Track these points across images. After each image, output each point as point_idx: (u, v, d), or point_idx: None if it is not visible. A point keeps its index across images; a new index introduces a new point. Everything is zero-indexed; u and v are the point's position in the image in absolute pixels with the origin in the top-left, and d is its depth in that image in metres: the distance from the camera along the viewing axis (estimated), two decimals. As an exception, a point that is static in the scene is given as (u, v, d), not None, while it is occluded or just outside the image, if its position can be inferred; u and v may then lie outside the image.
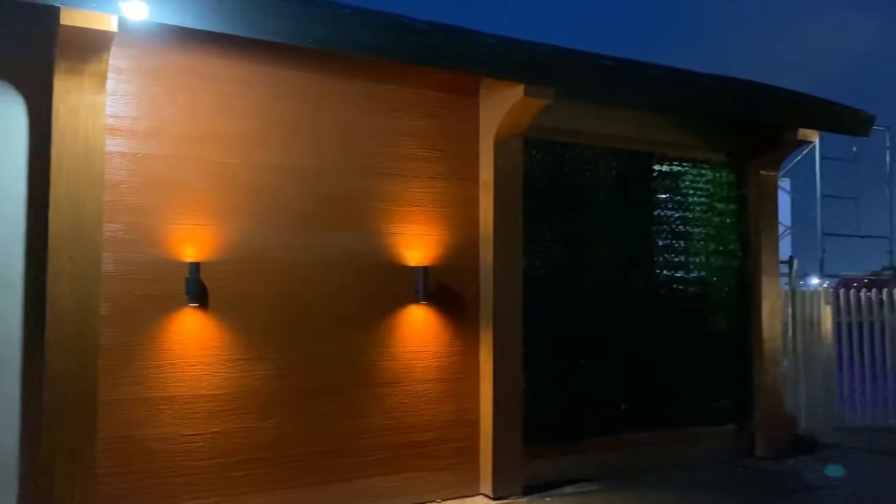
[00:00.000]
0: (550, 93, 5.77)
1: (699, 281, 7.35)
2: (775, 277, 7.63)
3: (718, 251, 7.46)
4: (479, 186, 6.15)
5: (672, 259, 7.21)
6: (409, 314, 5.80)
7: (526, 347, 6.24)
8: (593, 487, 6.28)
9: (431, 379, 5.87)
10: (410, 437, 5.76)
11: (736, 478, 6.80)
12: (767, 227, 7.58)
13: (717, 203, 7.48)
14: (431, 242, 5.92)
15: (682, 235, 7.26)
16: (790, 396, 8.11)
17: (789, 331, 8.07)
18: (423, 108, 5.95)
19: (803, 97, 7.37)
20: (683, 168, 7.31)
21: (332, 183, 5.58)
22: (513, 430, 5.98)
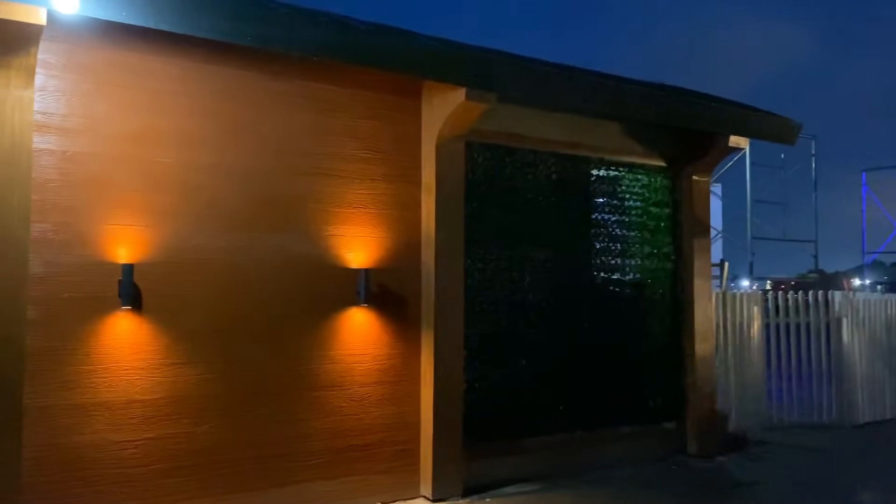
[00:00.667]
0: (492, 97, 5.82)
1: (635, 283, 7.51)
2: (707, 280, 7.86)
3: (653, 254, 7.64)
4: (421, 189, 6.15)
5: (609, 261, 7.35)
6: (350, 317, 5.76)
7: (467, 349, 6.28)
8: (532, 487, 6.35)
9: (372, 382, 5.84)
10: (350, 441, 5.72)
11: (669, 476, 6.97)
12: (700, 231, 7.80)
13: (653, 207, 7.66)
14: (373, 244, 5.89)
15: (618, 238, 7.41)
16: (721, 396, 8.35)
17: (721, 332, 8.31)
18: (365, 109, 5.92)
19: (735, 106, 7.61)
20: (620, 173, 7.46)
21: (271, 183, 5.50)
22: (453, 431, 6.00)
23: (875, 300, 10.11)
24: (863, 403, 9.69)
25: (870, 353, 9.88)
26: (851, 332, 9.66)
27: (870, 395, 9.79)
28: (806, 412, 9.48)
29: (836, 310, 9.61)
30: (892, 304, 10.41)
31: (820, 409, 9.51)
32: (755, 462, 7.59)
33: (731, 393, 8.45)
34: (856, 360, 9.66)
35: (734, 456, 7.76)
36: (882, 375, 10.01)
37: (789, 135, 7.83)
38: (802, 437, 8.81)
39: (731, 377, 8.42)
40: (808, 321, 9.55)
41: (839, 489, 6.62)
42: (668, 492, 6.45)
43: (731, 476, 7.05)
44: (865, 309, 9.93)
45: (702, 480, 6.88)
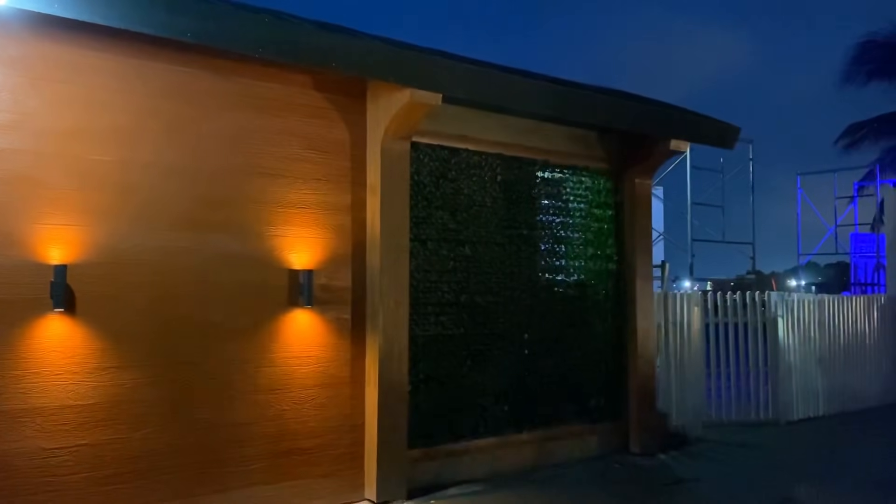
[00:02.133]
0: (437, 97, 5.82)
1: (578, 284, 7.60)
2: (649, 281, 8.00)
3: (596, 255, 7.75)
4: (366, 189, 6.10)
5: (553, 263, 7.42)
6: (293, 318, 5.69)
7: (412, 350, 6.26)
8: (476, 489, 6.36)
9: (315, 385, 5.77)
10: (293, 445, 5.65)
11: (611, 474, 7.07)
12: (642, 233, 7.94)
13: (596, 209, 7.77)
14: (317, 245, 5.83)
15: (562, 240, 7.49)
16: (663, 394, 8.51)
17: (662, 332, 8.47)
18: (310, 108, 5.86)
19: (676, 110, 7.77)
20: (564, 175, 7.54)
21: (212, 183, 5.39)
22: (398, 434, 5.97)
23: (809, 300, 10.44)
24: (797, 401, 10.00)
25: (804, 352, 10.20)
26: (787, 331, 9.96)
27: (804, 392, 10.11)
28: (744, 410, 9.73)
29: (772, 310, 9.89)
30: (825, 304, 10.77)
31: (757, 407, 9.77)
32: (695, 459, 7.75)
33: (673, 392, 8.61)
34: (791, 359, 9.97)
35: (675, 453, 7.91)
36: (815, 374, 10.34)
37: (728, 139, 8.03)
38: (740, 434, 9.04)
39: (673, 376, 8.59)
40: (746, 321, 9.82)
41: (773, 484, 6.81)
42: (610, 490, 6.54)
43: (671, 473, 7.19)
44: (800, 309, 10.24)
45: (643, 478, 7.00)
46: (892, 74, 24.16)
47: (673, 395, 8.58)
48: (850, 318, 11.05)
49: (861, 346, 11.19)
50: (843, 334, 10.92)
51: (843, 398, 10.72)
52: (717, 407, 9.63)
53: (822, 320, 10.64)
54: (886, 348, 11.66)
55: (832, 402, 10.52)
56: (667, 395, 8.54)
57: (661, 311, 8.49)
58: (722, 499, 6.42)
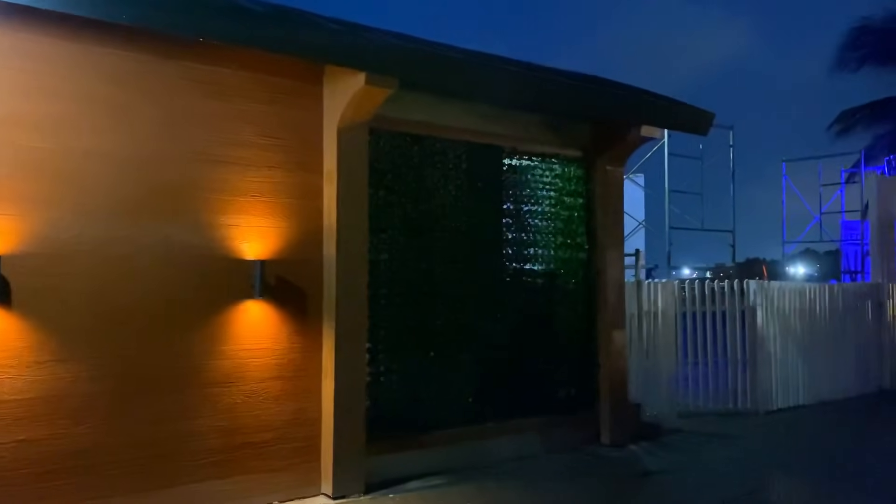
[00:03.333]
0: (394, 82, 5.65)
1: (548, 273, 7.46)
2: (621, 269, 7.87)
3: (566, 244, 7.60)
4: (322, 177, 5.95)
5: (521, 252, 7.28)
6: (245, 310, 5.54)
7: (372, 342, 6.14)
8: (438, 482, 6.24)
9: (269, 377, 5.64)
10: (246, 438, 5.51)
11: (579, 466, 6.95)
12: (613, 221, 7.80)
13: (566, 197, 7.62)
14: (270, 235, 5.68)
15: (531, 228, 7.34)
16: (635, 385, 8.39)
17: (635, 321, 8.34)
18: (262, 93, 5.69)
19: (648, 96, 7.61)
20: (533, 162, 7.39)
21: (159, 170, 5.23)
22: (355, 426, 5.85)
23: (790, 288, 10.32)
24: (776, 390, 9.90)
25: (784, 341, 10.09)
26: (766, 320, 9.83)
27: (783, 382, 10.00)
28: (721, 399, 9.62)
29: (751, 298, 9.77)
30: (807, 292, 10.65)
31: (735, 397, 9.67)
32: (667, 450, 7.64)
33: (646, 382, 8.49)
34: (770, 348, 9.85)
35: (647, 444, 7.80)
36: (795, 362, 10.23)
37: (702, 125, 7.87)
38: (716, 424, 8.93)
39: (646, 366, 8.47)
40: (725, 309, 9.69)
41: (743, 476, 6.71)
42: (577, 482, 6.42)
43: (640, 465, 7.08)
44: (780, 297, 10.12)
45: (612, 470, 6.89)
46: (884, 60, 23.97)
47: (646, 386, 8.46)
48: (832, 307, 10.93)
49: (843, 335, 11.07)
50: (825, 323, 10.80)
51: (824, 387, 10.61)
52: (695, 397, 9.53)
53: (804, 309, 10.52)
54: (869, 337, 11.55)
55: (813, 392, 10.42)
56: (640, 386, 8.43)
57: (634, 299, 8.35)
58: (688, 492, 6.31)
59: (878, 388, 11.59)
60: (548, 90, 6.80)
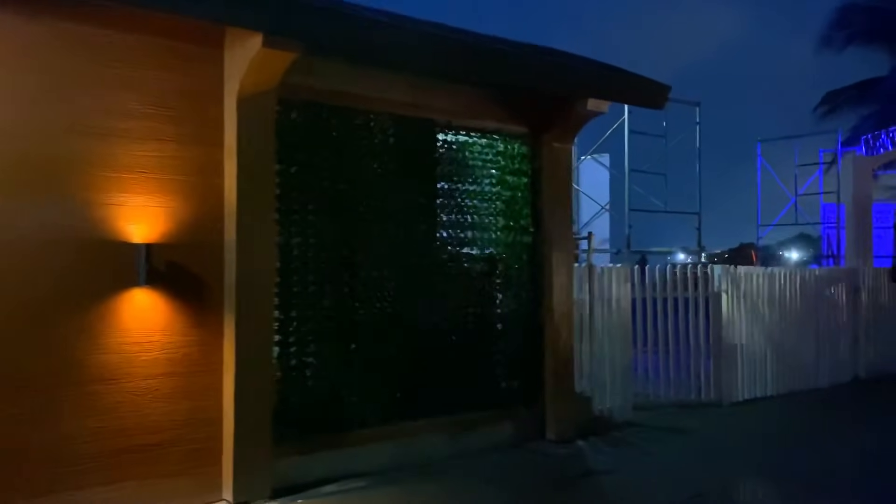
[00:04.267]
0: (296, 45, 5.08)
1: (488, 258, 6.93)
2: (568, 253, 7.35)
3: (509, 226, 7.06)
4: (223, 151, 5.38)
5: (458, 235, 6.74)
6: (130, 299, 4.99)
7: (282, 334, 5.62)
8: (358, 485, 5.73)
9: (160, 374, 5.10)
10: (134, 441, 4.98)
11: (517, 465, 6.46)
12: (560, 202, 7.26)
13: (509, 176, 7.07)
14: (160, 215, 5.12)
15: (469, 210, 6.80)
16: (587, 376, 7.88)
17: (586, 308, 7.82)
18: (150, 58, 5.11)
19: (595, 66, 7.04)
20: (472, 138, 6.83)
21: (27, 143, 4.65)
22: (260, 426, 5.33)
23: (758, 273, 9.82)
24: (742, 380, 9.42)
25: (751, 329, 9.60)
26: (732, 306, 9.34)
27: (750, 371, 9.53)
28: (683, 390, 9.15)
29: (715, 284, 9.26)
30: (777, 277, 10.14)
31: (698, 387, 9.19)
32: (616, 447, 7.16)
33: (598, 372, 7.98)
34: (736, 336, 9.37)
35: (596, 440, 7.31)
36: (764, 351, 9.75)
37: (657, 99, 7.32)
38: (675, 417, 8.46)
39: (598, 355, 7.95)
40: (687, 296, 9.19)
41: (692, 475, 6.23)
42: (507, 484, 5.93)
43: (583, 464, 6.60)
44: (748, 283, 9.62)
45: (551, 470, 6.40)
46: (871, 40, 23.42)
47: (599, 376, 7.95)
48: (804, 293, 10.43)
49: (816, 322, 10.59)
50: (797, 309, 10.31)
51: (794, 377, 10.14)
52: (655, 388, 9.06)
53: (773, 295, 10.02)
54: (844, 324, 11.07)
55: (782, 382, 9.95)
56: (591, 377, 7.91)
57: (585, 285, 7.83)
58: (624, 495, 5.83)
59: (853, 378, 11.12)
60: (483, 59, 6.23)
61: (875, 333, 11.35)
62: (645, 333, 9.03)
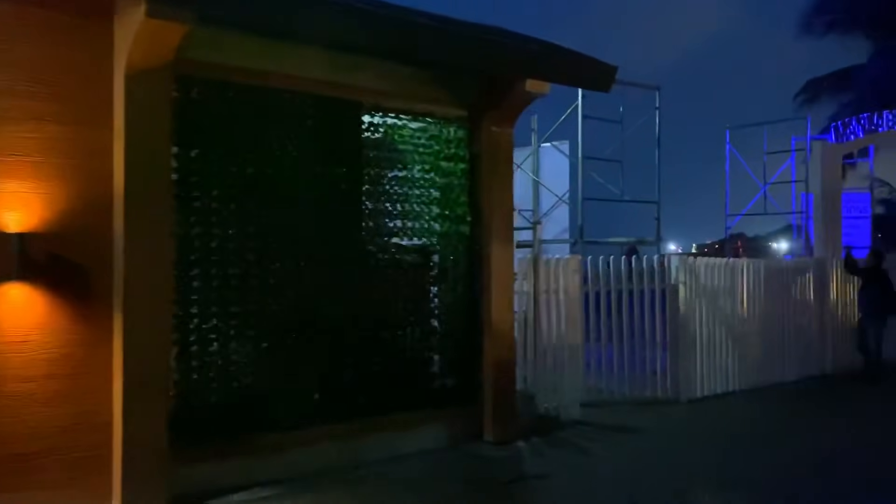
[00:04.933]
0: (186, 16, 4.63)
1: (420, 249, 6.51)
2: (509, 243, 6.94)
3: (444, 215, 6.65)
4: (113, 133, 4.93)
5: (386, 224, 6.31)
6: (2, 295, 4.54)
7: (182, 332, 5.19)
8: (268, 493, 5.32)
9: (38, 375, 4.66)
10: (8, 449, 4.55)
11: (448, 469, 6.06)
12: (501, 189, 6.84)
13: (444, 162, 6.64)
14: (38, 202, 4.67)
15: (398, 198, 6.37)
16: (531, 373, 7.50)
17: (531, 301, 7.42)
18: (27, 29, 4.65)
19: (534, 44, 6.59)
20: (402, 121, 6.39)
21: None
22: (153, 431, 4.88)
23: (718, 265, 9.43)
24: (701, 376, 9.06)
25: (711, 322, 9.24)
26: (690, 299, 8.97)
27: (710, 367, 9.17)
28: (638, 386, 8.78)
29: (673, 276, 8.88)
30: (740, 269, 9.77)
31: (654, 383, 8.83)
32: (557, 448, 6.78)
33: (544, 369, 7.59)
34: (695, 330, 9.00)
35: (538, 441, 6.93)
36: (725, 346, 9.39)
37: (603, 80, 6.88)
38: (627, 415, 8.09)
39: (544, 351, 7.57)
40: (643, 288, 8.81)
41: (632, 481, 5.82)
42: (428, 490, 5.52)
43: (519, 468, 6.20)
44: (707, 274, 9.25)
45: (480, 474, 6.00)
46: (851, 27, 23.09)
47: (544, 374, 7.56)
48: (769, 284, 10.08)
49: (782, 315, 10.24)
50: (761, 302, 9.96)
51: (758, 372, 9.81)
52: (609, 383, 8.68)
53: (736, 287, 9.66)
54: (811, 317, 10.73)
55: (745, 377, 9.61)
56: (537, 374, 7.53)
57: (530, 277, 7.43)
58: (553, 502, 5.44)
59: (821, 373, 10.80)
60: (408, 34, 5.78)
61: (844, 326, 11.02)
62: (599, 327, 8.65)
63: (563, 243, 10.65)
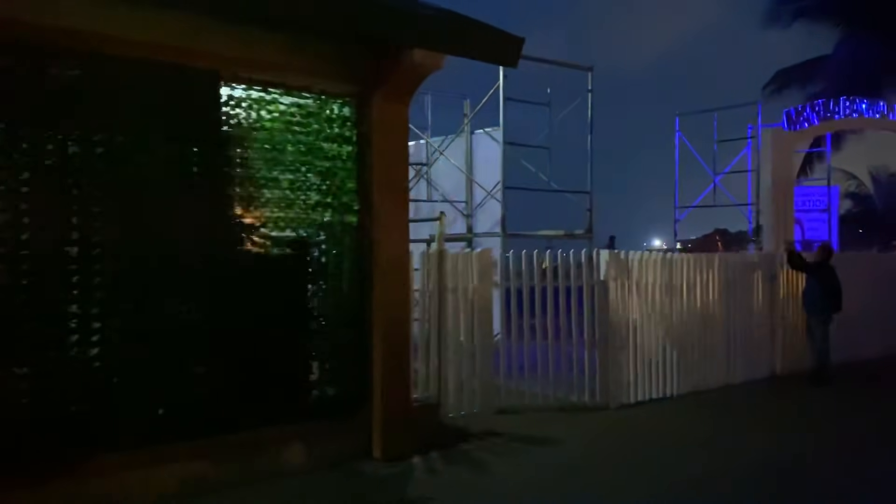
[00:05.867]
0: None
1: (295, 241, 5.75)
2: (404, 235, 6.20)
3: (326, 204, 5.89)
4: None
5: (252, 213, 5.55)
6: None
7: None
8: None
9: None
10: None
11: (315, 493, 5.32)
12: (393, 174, 6.10)
13: (325, 143, 5.89)
14: None
15: (268, 183, 5.60)
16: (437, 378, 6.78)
17: (432, 300, 6.70)
18: None
19: (422, 9, 5.83)
20: (271, 95, 5.62)
21: None
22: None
23: (653, 259, 8.73)
24: (635, 380, 8.38)
25: (647, 321, 8.55)
26: (622, 296, 8.27)
27: (644, 369, 8.49)
28: (567, 390, 8.08)
29: (602, 271, 8.18)
30: (680, 264, 9.09)
31: (581, 387, 8.13)
32: (456, 465, 6.06)
33: (450, 375, 6.87)
34: (627, 329, 8.31)
35: (437, 456, 6.21)
36: (661, 346, 8.71)
37: (508, 54, 6.14)
38: (547, 423, 7.38)
39: (451, 355, 6.85)
40: (570, 285, 8.11)
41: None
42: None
43: (402, 490, 5.47)
44: (642, 270, 8.55)
45: (353, 499, 5.27)
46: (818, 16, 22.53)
47: (451, 378, 6.84)
48: (713, 281, 9.41)
49: (727, 314, 9.58)
50: (705, 299, 9.29)
51: (701, 374, 9.14)
52: (535, 387, 7.96)
53: (676, 283, 8.97)
54: (760, 315, 10.07)
55: (685, 380, 8.93)
56: (440, 379, 6.80)
57: (434, 274, 6.70)
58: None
59: (770, 374, 10.17)
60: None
61: (792, 324, 10.38)
62: (521, 327, 7.94)
63: (495, 237, 9.93)
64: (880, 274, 11.95)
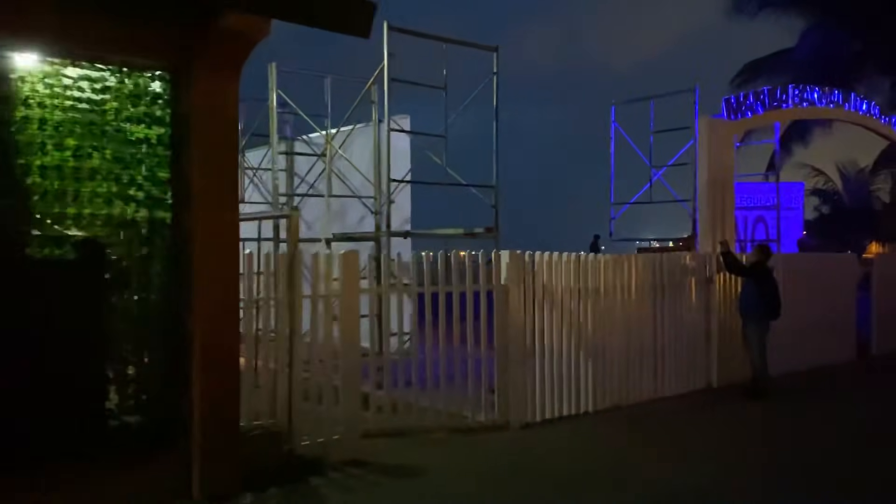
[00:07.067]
0: None
1: (85, 243, 4.81)
2: (233, 233, 5.29)
3: (129, 198, 4.95)
4: None
5: (31, 208, 4.61)
6: None
7: None
8: None
9: None
10: None
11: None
12: (218, 162, 5.18)
13: (129, 125, 4.95)
14: None
15: (55, 174, 4.67)
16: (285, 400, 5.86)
17: (284, 308, 5.78)
18: None
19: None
20: (52, 67, 4.68)
21: None
22: None
23: (566, 261, 7.84)
24: (541, 395, 7.50)
25: (556, 330, 7.67)
26: (526, 302, 7.38)
27: (554, 384, 7.61)
28: (462, 406, 7.19)
29: (503, 275, 7.29)
30: (598, 266, 8.20)
31: (477, 404, 7.24)
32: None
33: (306, 395, 5.96)
34: (532, 340, 7.43)
35: (275, 492, 5.31)
36: (575, 358, 7.83)
37: (355, 23, 5.19)
38: (426, 447, 6.51)
39: (306, 373, 5.93)
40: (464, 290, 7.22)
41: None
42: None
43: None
44: (551, 272, 7.66)
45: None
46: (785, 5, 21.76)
47: (301, 402, 5.93)
48: (639, 284, 8.54)
49: (655, 320, 8.71)
50: (629, 305, 8.42)
51: (623, 389, 8.28)
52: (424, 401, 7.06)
53: (594, 287, 8.09)
54: (693, 321, 9.21)
55: (604, 395, 8.07)
56: (293, 403, 5.88)
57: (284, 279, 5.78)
58: None
59: (706, 386, 9.33)
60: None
61: (730, 331, 9.53)
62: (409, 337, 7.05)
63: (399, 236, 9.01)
64: (828, 275, 11.14)
